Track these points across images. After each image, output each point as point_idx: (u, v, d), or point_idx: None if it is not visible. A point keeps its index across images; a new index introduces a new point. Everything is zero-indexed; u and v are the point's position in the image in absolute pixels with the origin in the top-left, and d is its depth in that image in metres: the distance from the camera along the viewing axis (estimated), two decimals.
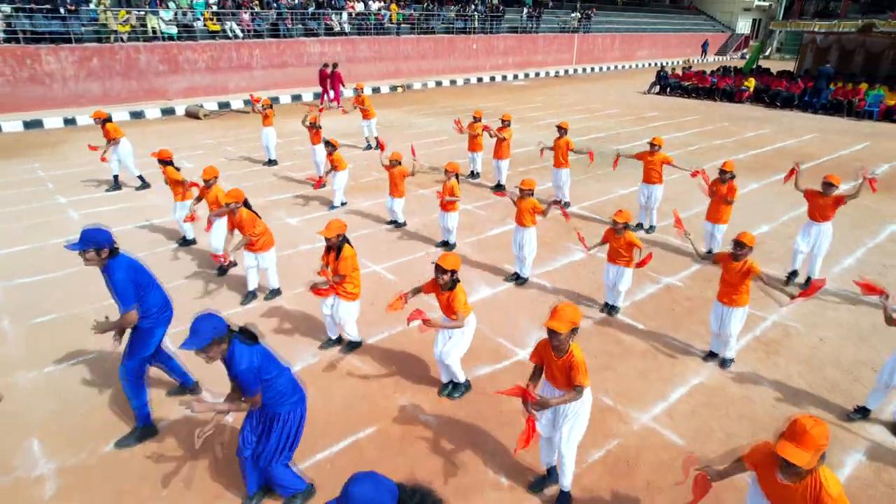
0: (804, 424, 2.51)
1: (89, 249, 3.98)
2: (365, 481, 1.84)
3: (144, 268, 4.30)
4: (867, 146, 15.66)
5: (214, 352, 3.18)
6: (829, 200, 6.81)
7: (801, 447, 2.46)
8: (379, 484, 1.84)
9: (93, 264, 4.06)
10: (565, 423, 3.69)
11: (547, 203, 6.91)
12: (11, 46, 17.14)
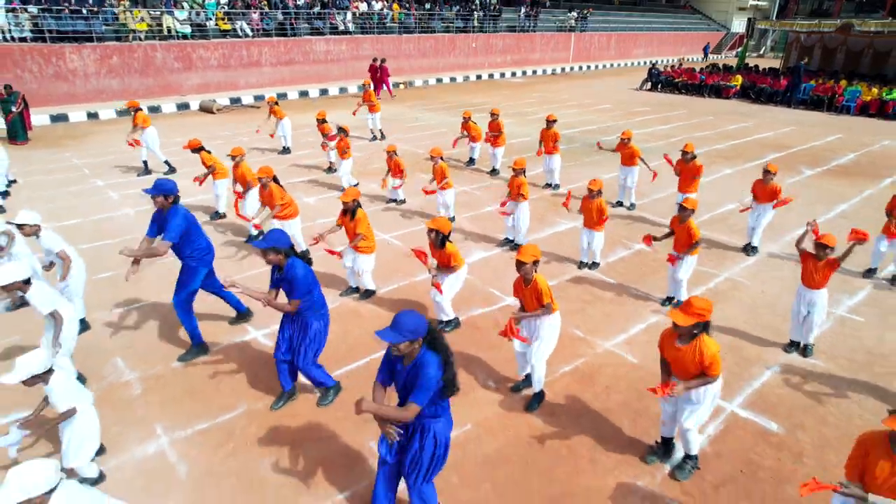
0: (691, 299, 3.63)
1: (159, 195, 5.11)
2: (410, 312, 3.01)
3: (195, 218, 5.40)
4: (840, 138, 16.76)
5: (272, 257, 4.28)
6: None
7: (684, 314, 3.58)
8: (418, 316, 3.01)
9: (160, 206, 5.18)
10: (536, 341, 4.81)
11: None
12: (38, 45, 18.25)
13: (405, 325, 3.01)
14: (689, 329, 3.60)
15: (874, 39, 23.35)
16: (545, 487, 4.18)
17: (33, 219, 5.36)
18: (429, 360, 3.07)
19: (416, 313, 3.11)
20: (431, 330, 3.11)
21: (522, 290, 4.68)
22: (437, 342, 3.13)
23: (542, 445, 4.58)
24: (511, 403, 5.07)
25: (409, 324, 3.02)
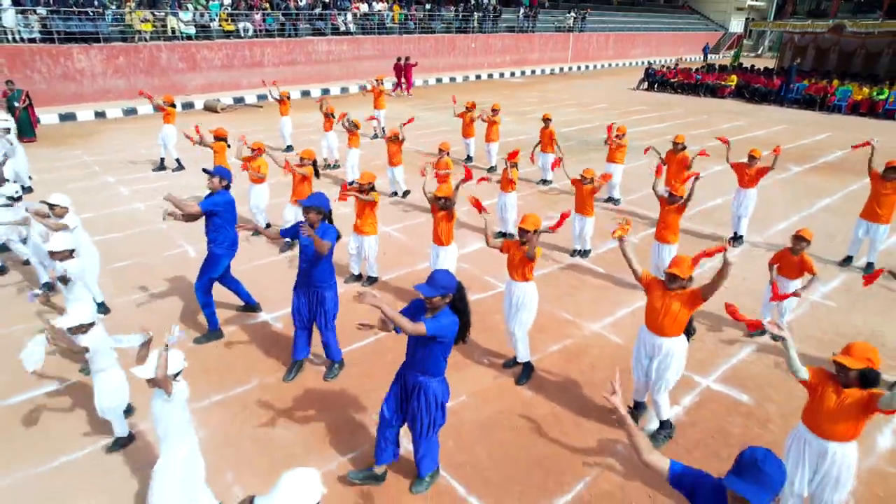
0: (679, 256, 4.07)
1: (216, 176, 5.58)
2: (444, 271, 3.45)
3: (234, 210, 5.83)
4: (829, 136, 17.18)
5: (313, 216, 4.77)
6: (752, 171, 8.33)
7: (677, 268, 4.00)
8: (451, 274, 3.50)
9: (212, 187, 5.67)
10: (518, 313, 5.23)
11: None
12: (47, 46, 18.67)
13: (439, 281, 3.49)
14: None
15: (866, 40, 23.78)
16: (533, 449, 4.60)
17: (64, 201, 5.81)
18: (450, 317, 3.55)
19: (449, 272, 3.59)
20: (460, 288, 3.57)
21: (514, 248, 5.13)
22: (462, 300, 3.61)
23: (531, 413, 5.00)
24: (503, 378, 5.50)
25: (442, 280, 3.50)
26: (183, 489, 3.51)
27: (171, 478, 3.45)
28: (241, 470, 4.31)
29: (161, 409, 3.37)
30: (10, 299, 6.94)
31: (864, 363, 3.25)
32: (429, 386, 3.68)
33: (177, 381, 3.41)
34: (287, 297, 6.26)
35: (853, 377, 3.29)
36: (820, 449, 3.46)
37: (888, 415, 3.34)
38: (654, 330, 4.40)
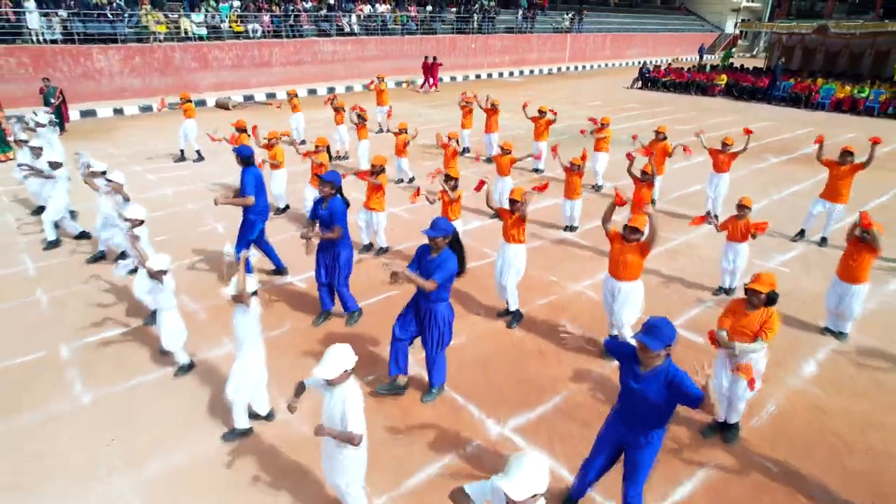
0: (636, 215, 5.07)
1: (241, 155, 6.60)
2: (441, 218, 4.45)
3: (263, 180, 6.83)
4: (810, 131, 18.16)
5: (327, 190, 5.71)
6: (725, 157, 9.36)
7: (636, 223, 4.99)
8: (448, 222, 4.46)
9: (240, 164, 6.65)
10: (510, 268, 6.24)
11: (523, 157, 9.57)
12: (68, 46, 19.69)
13: (440, 225, 4.57)
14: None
15: (850, 41, 24.78)
16: (521, 374, 5.60)
17: (121, 178, 6.83)
18: (450, 255, 4.62)
19: (446, 220, 4.68)
20: (455, 232, 4.61)
21: (507, 215, 6.14)
22: (457, 241, 4.64)
23: (520, 349, 6.01)
24: (497, 324, 6.52)
25: (442, 224, 4.58)
26: (253, 386, 4.53)
27: (245, 375, 4.45)
28: (282, 387, 5.31)
29: (240, 321, 4.35)
30: (68, 266, 7.94)
31: (769, 287, 4.26)
32: (437, 309, 4.70)
33: (252, 297, 4.37)
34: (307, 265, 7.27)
35: (762, 299, 4.29)
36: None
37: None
38: (614, 275, 5.39)
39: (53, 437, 4.73)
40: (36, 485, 4.24)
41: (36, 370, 5.60)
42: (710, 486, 4.36)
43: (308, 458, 4.47)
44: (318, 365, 3.25)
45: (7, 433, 4.77)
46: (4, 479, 4.29)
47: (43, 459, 4.50)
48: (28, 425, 4.87)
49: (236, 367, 4.47)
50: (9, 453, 4.55)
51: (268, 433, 4.82)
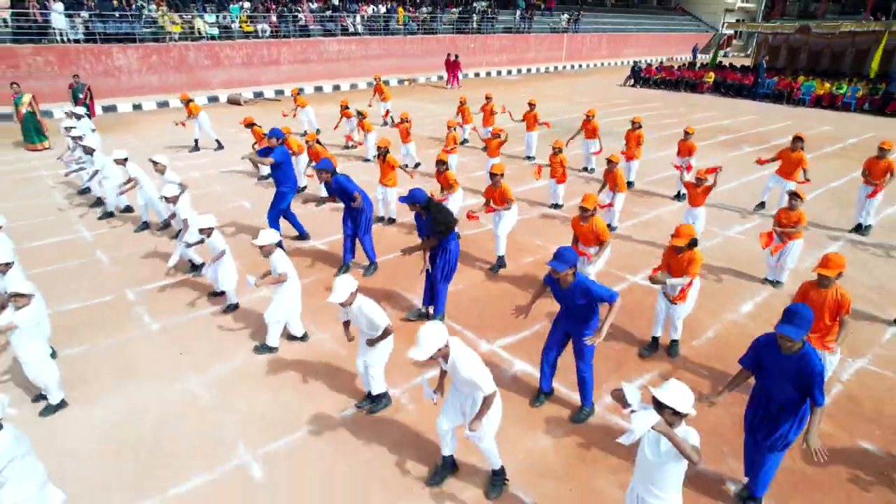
0: (587, 194, 6.25)
1: (272, 137, 7.81)
2: (418, 189, 5.66)
3: (290, 158, 8.05)
4: (788, 124, 19.38)
5: (324, 176, 6.96)
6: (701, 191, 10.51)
7: (586, 203, 6.20)
8: (422, 191, 5.69)
9: (270, 145, 7.90)
10: (501, 221, 7.47)
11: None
12: (90, 46, 20.91)
13: (416, 196, 5.97)
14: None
15: (831, 40, 25.99)
16: (507, 311, 6.77)
17: (164, 160, 8.06)
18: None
19: (421, 190, 5.86)
20: (429, 200, 5.81)
21: (493, 192, 7.36)
22: (433, 206, 5.82)
23: (508, 294, 7.23)
24: (489, 274, 7.75)
25: (417, 194, 5.96)
26: (287, 314, 5.80)
27: (281, 304, 5.68)
28: (310, 318, 6.52)
29: (275, 264, 5.61)
30: (118, 233, 9.16)
31: (688, 238, 5.44)
32: (449, 246, 5.95)
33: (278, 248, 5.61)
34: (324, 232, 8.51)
35: (685, 246, 5.44)
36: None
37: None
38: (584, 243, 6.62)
39: (135, 353, 5.95)
40: (132, 381, 5.46)
41: (109, 308, 6.82)
42: (656, 381, 5.56)
43: (336, 364, 5.71)
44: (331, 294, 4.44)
45: (98, 350, 6.00)
46: (106, 378, 5.52)
47: (132, 365, 5.72)
48: (114, 345, 6.09)
49: (275, 298, 5.69)
50: (102, 363, 5.77)
51: (303, 349, 6.04)
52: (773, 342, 3.72)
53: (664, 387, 3.01)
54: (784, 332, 3.51)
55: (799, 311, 3.55)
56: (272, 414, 5.03)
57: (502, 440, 4.37)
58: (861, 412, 5.16)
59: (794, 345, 3.56)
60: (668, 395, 2.96)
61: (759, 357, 3.84)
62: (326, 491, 4.25)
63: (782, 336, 3.54)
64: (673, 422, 2.98)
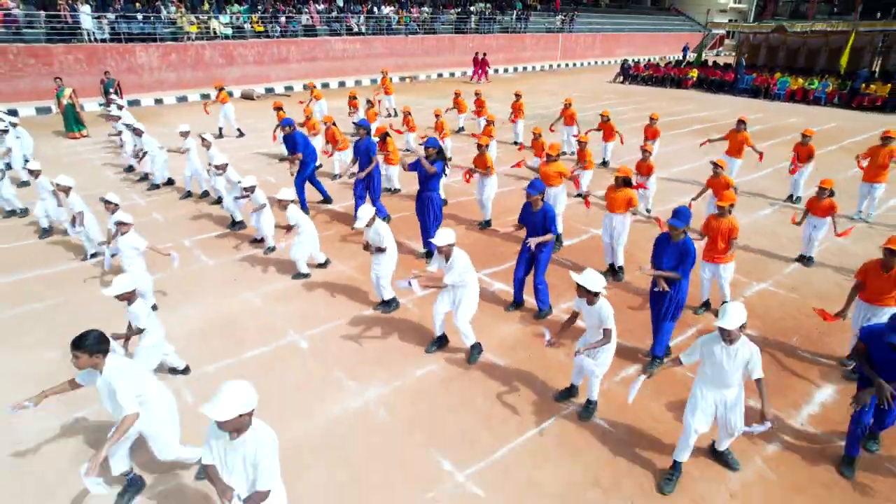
0: (623, 167, 7.97)
1: (287, 127, 9.49)
2: (433, 139, 7.36)
3: (306, 139, 9.74)
4: (759, 116, 21.06)
5: (362, 132, 8.63)
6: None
7: (620, 173, 7.91)
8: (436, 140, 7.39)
9: (285, 132, 9.56)
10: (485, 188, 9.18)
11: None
12: (115, 45, 22.62)
13: (430, 141, 7.48)
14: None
15: (807, 39, 27.67)
16: (493, 252, 8.50)
17: (210, 137, 9.74)
18: (438, 165, 7.44)
19: (435, 139, 7.47)
20: (440, 150, 7.46)
21: (479, 160, 9.04)
22: (442, 153, 7.49)
23: (492, 240, 8.91)
24: (477, 229, 9.45)
25: (432, 140, 7.45)
26: (309, 249, 7.60)
27: (304, 242, 7.43)
28: (329, 252, 8.21)
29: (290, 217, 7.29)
30: (167, 200, 10.85)
31: (624, 174, 7.12)
32: (432, 196, 7.63)
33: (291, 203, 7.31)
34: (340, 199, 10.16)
35: (620, 181, 7.14)
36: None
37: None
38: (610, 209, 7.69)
39: (199, 279, 7.66)
40: (201, 295, 7.17)
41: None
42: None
43: (354, 285, 7.42)
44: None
45: (171, 277, 7.69)
46: (182, 294, 7.23)
47: (199, 286, 7.42)
48: (182, 273, 7.78)
49: (295, 241, 7.41)
50: (177, 284, 7.48)
51: (330, 274, 7.76)
52: (665, 237, 5.46)
53: (582, 273, 4.64)
54: (672, 223, 5.25)
55: (681, 210, 5.32)
56: (310, 313, 6.75)
57: (484, 329, 6.11)
58: (753, 312, 6.85)
59: (678, 232, 5.29)
60: (582, 278, 4.60)
61: (660, 248, 5.56)
62: (355, 354, 5.96)
63: (671, 226, 5.26)
64: (591, 300, 4.58)
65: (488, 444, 4.77)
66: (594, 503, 4.23)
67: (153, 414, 3.89)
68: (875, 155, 9.86)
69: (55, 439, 4.79)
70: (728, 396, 4.17)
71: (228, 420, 2.78)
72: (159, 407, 3.95)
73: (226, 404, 2.77)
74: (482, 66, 30.53)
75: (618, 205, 7.39)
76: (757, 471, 4.56)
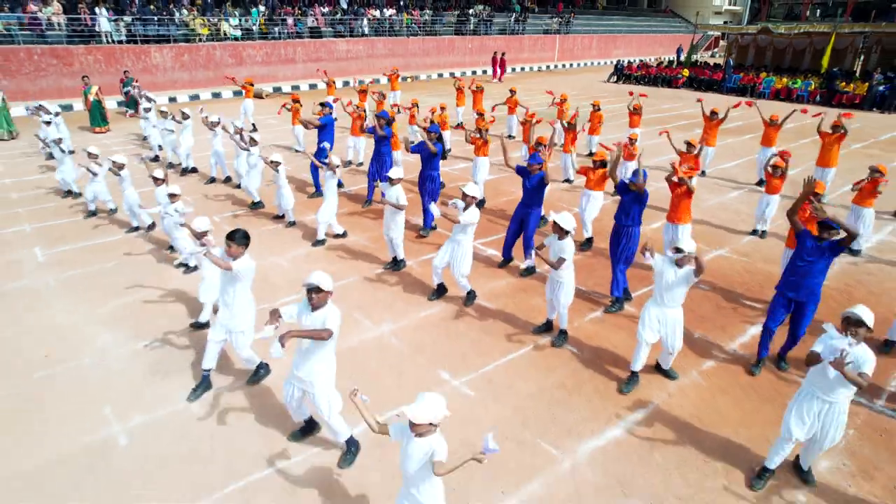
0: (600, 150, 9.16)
1: (325, 108, 10.69)
2: (433, 125, 8.56)
3: (333, 123, 10.93)
4: (742, 112, 22.19)
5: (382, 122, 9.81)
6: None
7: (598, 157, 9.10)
8: (437, 125, 8.59)
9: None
10: (478, 169, 10.35)
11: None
12: (132, 46, 23.83)
13: (432, 127, 8.62)
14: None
15: (792, 40, 28.86)
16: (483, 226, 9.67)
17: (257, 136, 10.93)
18: (438, 147, 8.61)
19: (436, 126, 8.65)
20: (440, 135, 8.64)
21: (476, 140, 10.23)
22: (441, 138, 8.68)
23: (484, 215, 10.08)
24: None
25: (433, 126, 8.62)
26: (328, 219, 8.67)
27: (325, 210, 8.56)
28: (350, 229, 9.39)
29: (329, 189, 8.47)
30: (194, 183, 12.04)
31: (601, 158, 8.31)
32: (433, 175, 8.83)
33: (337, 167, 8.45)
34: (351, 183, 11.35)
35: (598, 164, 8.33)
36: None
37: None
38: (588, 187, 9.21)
39: None
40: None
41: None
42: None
43: (369, 252, 8.60)
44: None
45: None
46: None
47: None
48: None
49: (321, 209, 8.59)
50: None
51: (347, 242, 8.95)
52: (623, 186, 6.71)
53: (560, 214, 5.80)
54: (632, 179, 6.46)
55: (642, 171, 6.54)
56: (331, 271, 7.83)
57: (477, 282, 7.31)
58: (710, 272, 8.03)
59: (640, 188, 6.51)
60: (559, 217, 5.77)
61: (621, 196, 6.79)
62: (370, 301, 7.15)
63: (632, 183, 6.46)
64: (561, 236, 5.76)
65: (478, 361, 5.95)
66: (560, 400, 5.40)
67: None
68: (826, 141, 11.09)
69: (136, 356, 5.98)
70: (669, 315, 5.31)
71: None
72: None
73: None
74: (501, 66, 32.16)
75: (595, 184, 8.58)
76: (692, 380, 5.74)
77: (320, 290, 4.11)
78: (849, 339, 3.86)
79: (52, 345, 6.20)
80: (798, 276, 5.48)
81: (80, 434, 4.89)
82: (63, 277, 7.82)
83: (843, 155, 12.12)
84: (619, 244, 6.85)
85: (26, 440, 4.82)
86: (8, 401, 5.32)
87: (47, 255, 8.54)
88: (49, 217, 10.19)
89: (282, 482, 4.42)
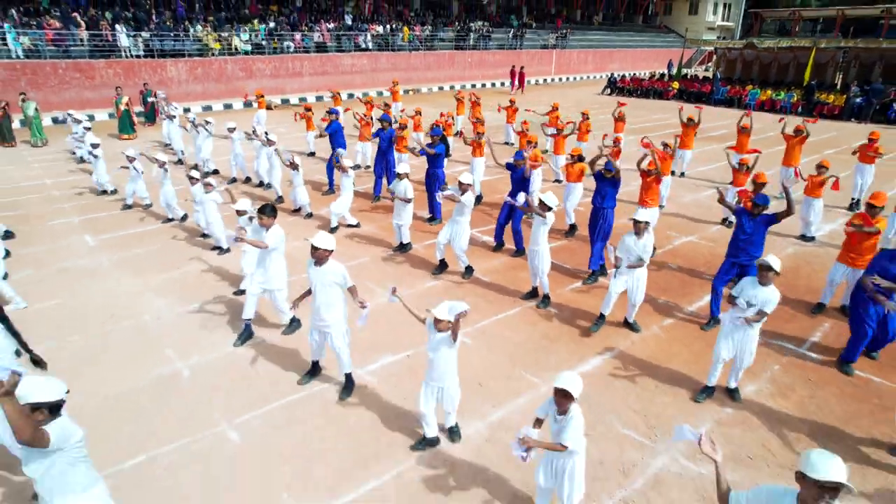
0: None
1: (332, 114, 11.92)
2: (436, 128, 9.79)
3: (342, 129, 12.15)
4: (726, 122, 23.51)
5: (386, 125, 11.02)
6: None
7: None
8: (439, 129, 9.82)
9: (324, 123, 11.97)
10: (475, 168, 11.54)
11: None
12: (149, 60, 25.19)
13: (435, 130, 9.84)
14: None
15: (777, 54, 30.27)
16: (478, 216, 10.84)
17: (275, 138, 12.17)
18: (440, 148, 9.82)
19: (439, 129, 9.88)
20: (443, 137, 9.86)
21: (475, 143, 11.45)
22: (444, 139, 9.90)
23: (480, 210, 11.25)
24: None
25: (436, 129, 9.85)
26: (344, 209, 9.83)
27: (341, 202, 9.75)
28: (363, 221, 10.56)
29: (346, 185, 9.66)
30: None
31: (577, 153, 9.50)
32: (438, 173, 10.01)
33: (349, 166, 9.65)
34: (359, 183, 12.56)
35: (575, 158, 9.53)
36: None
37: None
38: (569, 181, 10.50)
39: None
40: None
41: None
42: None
43: (378, 238, 9.76)
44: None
45: None
46: None
47: None
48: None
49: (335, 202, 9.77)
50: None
51: (358, 231, 10.10)
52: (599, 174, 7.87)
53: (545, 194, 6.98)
54: (607, 167, 7.65)
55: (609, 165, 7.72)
56: (346, 253, 9.09)
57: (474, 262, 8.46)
58: (678, 254, 9.19)
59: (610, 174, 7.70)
60: (547, 197, 6.95)
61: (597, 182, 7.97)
62: (381, 275, 8.29)
63: (607, 171, 7.66)
64: (544, 213, 6.95)
65: (475, 317, 7.10)
66: (542, 347, 6.54)
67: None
68: (790, 143, 12.39)
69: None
70: (635, 272, 6.47)
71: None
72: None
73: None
74: (520, 79, 34.18)
75: (575, 177, 9.79)
76: (653, 332, 6.89)
77: (316, 249, 5.21)
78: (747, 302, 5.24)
79: (115, 308, 7.35)
80: (739, 247, 6.66)
81: (152, 367, 6.04)
82: (115, 258, 8.99)
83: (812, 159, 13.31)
84: (597, 224, 8.02)
85: (108, 374, 5.96)
86: (87, 348, 6.46)
87: (98, 240, 9.73)
88: (91, 211, 11.37)
89: (318, 400, 5.56)
